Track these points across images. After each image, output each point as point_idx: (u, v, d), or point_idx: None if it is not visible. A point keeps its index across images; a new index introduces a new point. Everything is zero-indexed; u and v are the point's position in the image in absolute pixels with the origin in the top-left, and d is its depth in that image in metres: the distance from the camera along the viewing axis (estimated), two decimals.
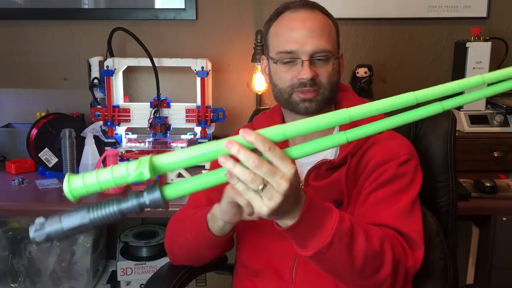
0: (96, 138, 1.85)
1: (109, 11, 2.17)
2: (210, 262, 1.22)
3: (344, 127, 1.12)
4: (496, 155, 1.88)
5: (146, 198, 0.74)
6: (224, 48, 2.18)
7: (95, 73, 2.03)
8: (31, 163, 1.95)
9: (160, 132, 1.91)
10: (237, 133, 1.28)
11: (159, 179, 0.78)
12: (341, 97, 1.21)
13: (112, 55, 2.02)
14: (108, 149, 1.82)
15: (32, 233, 0.74)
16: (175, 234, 1.20)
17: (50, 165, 1.89)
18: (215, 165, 1.26)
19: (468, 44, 1.96)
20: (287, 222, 0.82)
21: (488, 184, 1.68)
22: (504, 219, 1.66)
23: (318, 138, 1.14)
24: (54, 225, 0.75)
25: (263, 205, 0.75)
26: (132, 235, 2.13)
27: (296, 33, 1.09)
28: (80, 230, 0.76)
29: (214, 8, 2.15)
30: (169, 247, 1.22)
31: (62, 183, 1.77)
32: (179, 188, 0.76)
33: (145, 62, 1.93)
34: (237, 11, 2.15)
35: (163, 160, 0.75)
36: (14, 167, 1.93)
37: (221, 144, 0.74)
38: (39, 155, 1.88)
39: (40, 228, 0.74)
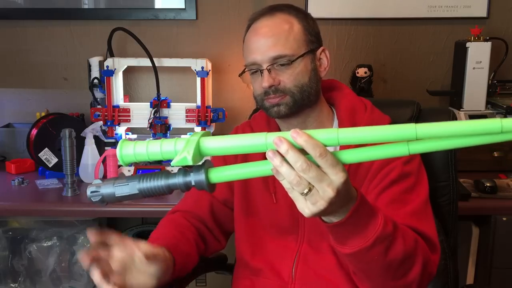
0: (96, 138, 1.84)
1: (109, 11, 2.17)
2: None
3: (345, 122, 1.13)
4: (496, 155, 1.88)
5: (192, 178, 0.76)
6: (224, 48, 2.17)
7: (95, 73, 2.03)
8: (31, 163, 1.95)
9: (160, 132, 1.90)
10: (235, 132, 1.29)
11: (207, 160, 0.78)
12: (336, 96, 1.20)
13: (112, 55, 2.02)
14: (108, 149, 1.82)
15: (89, 192, 0.79)
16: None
17: (50, 165, 1.89)
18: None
19: (468, 44, 1.96)
20: (332, 219, 0.80)
21: (488, 184, 1.68)
22: (504, 219, 1.66)
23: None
24: (108, 189, 0.79)
25: (305, 208, 0.74)
26: (132, 235, 2.13)
27: (254, 44, 1.12)
28: (130, 198, 0.79)
29: (214, 8, 2.15)
30: None
31: (62, 183, 1.78)
32: (224, 173, 0.77)
33: (145, 62, 1.93)
34: (237, 11, 2.15)
35: (210, 144, 0.74)
36: (14, 167, 1.93)
37: (270, 138, 0.71)
38: (39, 155, 1.88)
39: (96, 189, 0.79)
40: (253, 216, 1.19)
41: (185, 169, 0.77)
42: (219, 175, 0.76)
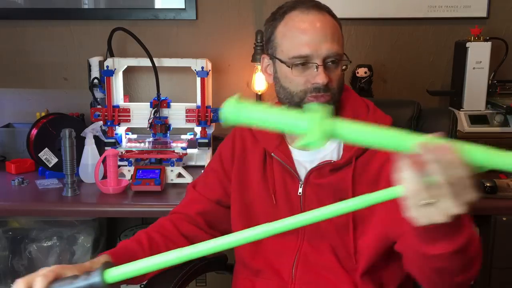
0: (96, 138, 1.84)
1: (109, 11, 2.17)
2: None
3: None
4: None
5: (90, 280, 0.79)
6: (224, 48, 2.18)
7: (95, 73, 2.03)
8: (31, 163, 1.95)
9: (160, 132, 1.90)
10: (233, 133, 1.29)
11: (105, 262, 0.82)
12: (343, 97, 1.20)
13: (112, 55, 2.02)
14: (108, 149, 1.82)
15: None
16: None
17: (50, 165, 1.89)
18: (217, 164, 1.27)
19: (468, 44, 1.96)
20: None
21: (488, 184, 1.68)
22: (504, 219, 1.66)
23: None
24: None
25: (433, 215, 0.70)
26: (132, 235, 2.12)
27: (309, 36, 1.06)
28: None
29: (214, 8, 2.15)
30: None
31: (62, 183, 1.78)
32: (120, 271, 0.78)
33: (145, 62, 1.93)
34: (237, 11, 2.15)
35: (341, 126, 0.66)
36: (14, 167, 1.93)
37: (411, 141, 0.67)
38: (39, 155, 1.88)
39: None
40: (252, 217, 1.19)
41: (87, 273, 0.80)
42: (115, 274, 0.77)
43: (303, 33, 1.07)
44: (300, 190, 1.15)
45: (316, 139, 0.64)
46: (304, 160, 1.17)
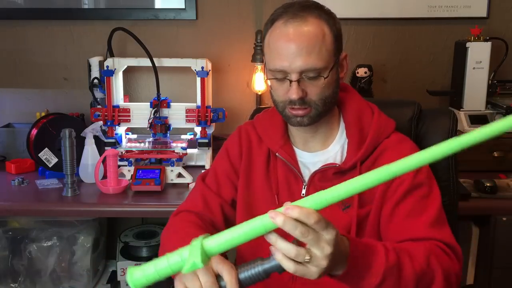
0: (96, 138, 1.84)
1: (109, 11, 2.17)
2: None
3: (353, 140, 1.13)
4: (496, 155, 1.88)
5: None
6: (224, 48, 2.17)
7: (95, 73, 2.03)
8: (31, 163, 1.95)
9: (160, 132, 1.90)
10: (238, 131, 1.28)
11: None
12: (344, 97, 1.20)
13: (112, 55, 2.02)
14: (108, 149, 1.82)
15: None
16: (163, 247, 1.18)
17: (50, 165, 1.89)
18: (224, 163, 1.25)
19: (468, 44, 1.96)
20: (337, 272, 0.85)
21: (488, 184, 1.68)
22: (504, 219, 1.66)
23: (319, 145, 1.15)
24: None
25: (313, 273, 0.79)
26: (132, 235, 2.13)
27: (284, 50, 1.05)
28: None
29: (214, 8, 2.15)
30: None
31: (62, 183, 1.78)
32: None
33: (145, 62, 1.93)
34: (237, 11, 2.15)
35: (213, 243, 0.79)
36: (14, 167, 1.93)
37: (266, 219, 0.77)
38: (39, 155, 1.88)
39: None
40: (255, 216, 1.19)
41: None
42: None
43: (280, 45, 1.06)
44: (304, 191, 1.15)
45: (197, 261, 0.76)
46: (307, 162, 1.17)
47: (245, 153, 1.23)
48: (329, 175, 1.13)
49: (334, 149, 1.17)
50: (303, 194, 1.15)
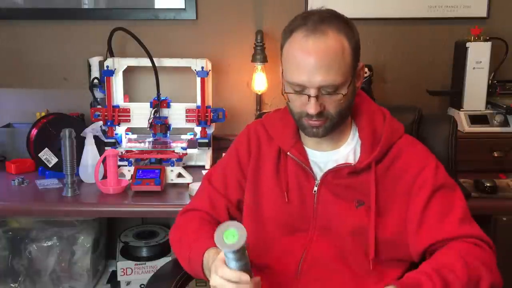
0: (96, 138, 1.85)
1: (109, 11, 2.17)
2: None
3: (367, 141, 1.15)
4: (496, 155, 1.88)
5: None
6: (224, 48, 2.17)
7: (95, 73, 2.03)
8: (31, 163, 1.95)
9: (160, 132, 1.90)
10: (247, 131, 1.28)
11: None
12: (357, 102, 1.20)
13: (112, 55, 2.02)
14: (108, 149, 1.82)
15: None
16: (175, 247, 1.22)
17: (50, 165, 1.89)
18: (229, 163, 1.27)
19: (468, 44, 1.96)
20: None
21: (488, 184, 1.68)
22: (504, 219, 1.66)
23: (330, 146, 1.17)
24: None
25: None
26: (132, 235, 2.13)
27: (303, 65, 1.05)
28: None
29: (214, 8, 2.15)
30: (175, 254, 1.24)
31: (62, 183, 1.78)
32: None
33: (145, 62, 1.93)
34: (237, 11, 2.15)
35: None
36: (14, 167, 1.93)
37: None
38: (39, 155, 1.88)
39: None
40: (263, 214, 1.20)
41: None
42: None
43: (300, 62, 1.06)
44: (315, 188, 1.15)
45: None
46: (319, 161, 1.18)
47: (254, 152, 1.24)
48: (343, 174, 1.14)
49: (346, 149, 1.18)
50: (314, 192, 1.15)
